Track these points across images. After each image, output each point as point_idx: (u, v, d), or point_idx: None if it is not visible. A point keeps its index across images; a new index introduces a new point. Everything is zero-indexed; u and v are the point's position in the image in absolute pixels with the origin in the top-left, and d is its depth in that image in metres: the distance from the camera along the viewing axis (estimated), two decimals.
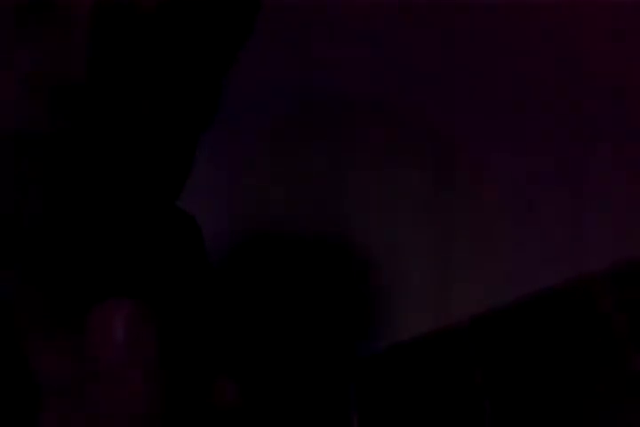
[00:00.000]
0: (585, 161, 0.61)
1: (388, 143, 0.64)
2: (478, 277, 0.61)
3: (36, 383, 0.38)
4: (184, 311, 0.42)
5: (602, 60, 0.61)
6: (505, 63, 0.62)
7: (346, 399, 0.24)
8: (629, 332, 0.24)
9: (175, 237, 0.43)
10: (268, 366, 0.41)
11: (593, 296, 0.25)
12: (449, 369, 0.24)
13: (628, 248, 0.56)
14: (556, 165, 0.62)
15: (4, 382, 0.38)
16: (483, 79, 0.63)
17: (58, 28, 0.34)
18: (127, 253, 0.38)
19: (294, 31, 0.64)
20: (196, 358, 0.40)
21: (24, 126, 0.34)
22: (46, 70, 0.34)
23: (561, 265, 0.57)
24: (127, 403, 0.25)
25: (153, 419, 0.24)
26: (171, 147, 0.37)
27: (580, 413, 0.22)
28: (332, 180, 0.64)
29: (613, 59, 0.60)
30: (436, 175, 0.63)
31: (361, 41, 0.63)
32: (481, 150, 0.62)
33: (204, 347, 0.41)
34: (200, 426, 0.38)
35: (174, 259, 0.43)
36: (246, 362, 0.41)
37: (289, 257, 0.63)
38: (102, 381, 0.25)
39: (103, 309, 0.31)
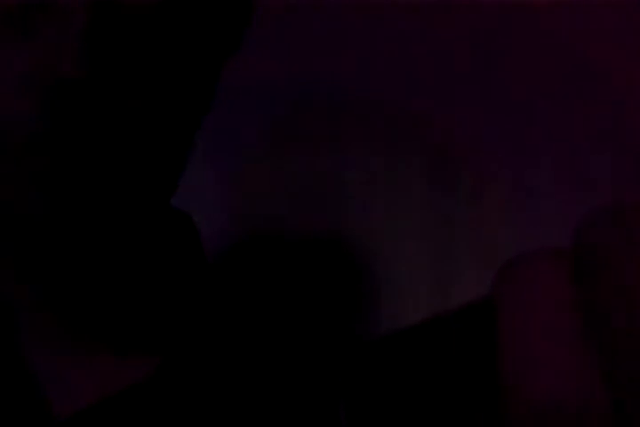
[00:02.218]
0: (585, 161, 0.61)
1: (388, 143, 0.64)
2: (478, 277, 0.61)
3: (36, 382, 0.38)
4: (181, 309, 0.42)
5: (602, 60, 0.61)
6: (505, 63, 0.62)
7: (334, 396, 0.24)
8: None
9: (170, 237, 0.43)
10: (266, 362, 0.41)
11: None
12: (438, 362, 0.24)
13: None
14: (557, 164, 0.61)
15: (4, 380, 0.38)
16: (483, 79, 0.62)
17: (55, 27, 0.34)
18: (122, 251, 0.38)
19: (294, 31, 0.64)
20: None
21: (20, 125, 0.34)
22: (43, 69, 0.34)
23: None
24: None
25: None
26: (163, 145, 0.37)
27: None
28: (331, 180, 0.64)
29: (613, 59, 0.60)
30: (436, 175, 0.63)
31: (361, 41, 0.63)
32: (481, 151, 0.62)
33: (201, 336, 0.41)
34: None
35: (170, 257, 0.43)
36: (244, 359, 0.41)
37: (288, 256, 0.63)
38: None
39: None
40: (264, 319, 0.51)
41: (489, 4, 0.62)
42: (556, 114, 0.61)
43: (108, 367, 0.39)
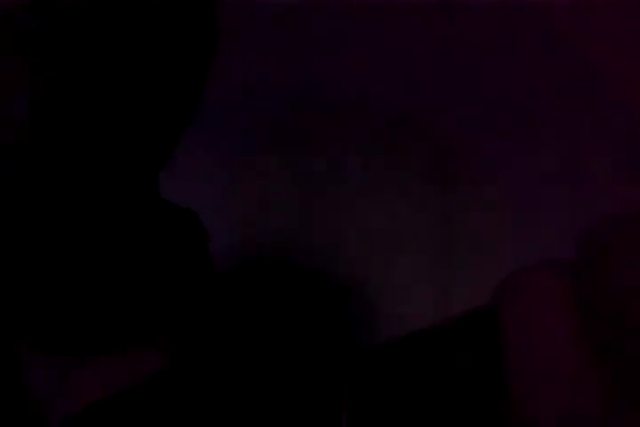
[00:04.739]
0: (585, 161, 0.61)
1: (388, 143, 0.64)
2: (478, 277, 0.61)
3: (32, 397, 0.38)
4: (184, 311, 0.42)
5: (602, 60, 0.61)
6: (505, 64, 0.62)
7: (337, 399, 0.24)
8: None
9: (174, 235, 0.43)
10: (268, 367, 0.41)
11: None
12: (441, 367, 0.24)
13: None
14: (557, 165, 0.61)
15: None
16: (483, 80, 0.62)
17: (41, 30, 0.34)
18: (122, 250, 0.38)
19: (294, 31, 0.64)
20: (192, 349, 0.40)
21: (8, 125, 0.34)
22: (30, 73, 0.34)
23: None
24: None
25: None
26: (151, 138, 0.37)
27: None
28: (332, 180, 0.63)
29: (613, 59, 0.60)
30: (436, 175, 0.63)
31: (361, 41, 0.63)
32: (481, 150, 0.62)
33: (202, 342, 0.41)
34: None
35: (173, 256, 0.43)
36: (246, 362, 0.41)
37: (288, 257, 0.63)
38: None
39: None
40: (265, 323, 0.51)
41: (489, 3, 0.62)
42: (556, 114, 0.61)
43: (109, 368, 0.39)
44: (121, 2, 0.35)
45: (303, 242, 0.63)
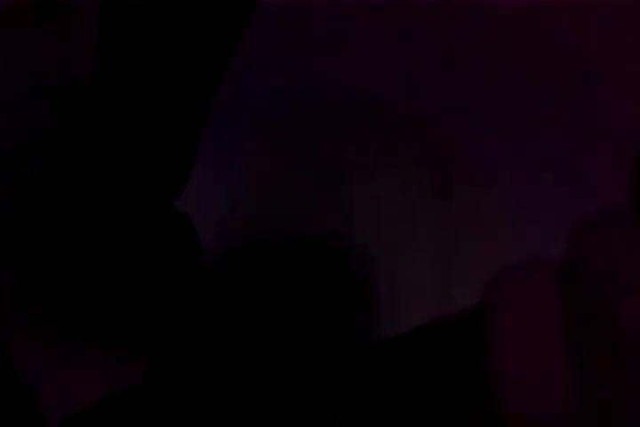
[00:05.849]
0: (585, 161, 0.61)
1: (388, 143, 0.64)
2: (478, 278, 0.61)
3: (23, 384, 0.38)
4: (178, 311, 0.42)
5: (602, 60, 0.61)
6: (505, 63, 0.62)
7: (331, 398, 0.24)
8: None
9: (168, 237, 0.43)
10: (263, 366, 0.41)
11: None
12: (435, 366, 0.24)
13: None
14: (557, 165, 0.61)
15: None
16: (483, 79, 0.62)
17: (61, 27, 0.34)
18: (119, 252, 0.38)
19: (294, 31, 0.64)
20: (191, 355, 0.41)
21: (24, 126, 0.34)
22: (57, 69, 0.34)
23: None
24: None
25: None
26: (171, 144, 0.38)
27: None
28: (331, 180, 0.63)
29: (613, 59, 0.60)
30: (436, 176, 0.63)
31: (361, 41, 0.63)
32: (481, 150, 0.62)
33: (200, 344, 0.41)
34: None
35: (167, 258, 0.43)
36: (241, 360, 0.41)
37: (288, 258, 0.63)
38: None
39: None
40: (262, 322, 0.51)
41: (489, 3, 0.62)
42: (557, 114, 0.61)
43: (106, 369, 0.39)
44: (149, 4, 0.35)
45: (302, 242, 0.63)
